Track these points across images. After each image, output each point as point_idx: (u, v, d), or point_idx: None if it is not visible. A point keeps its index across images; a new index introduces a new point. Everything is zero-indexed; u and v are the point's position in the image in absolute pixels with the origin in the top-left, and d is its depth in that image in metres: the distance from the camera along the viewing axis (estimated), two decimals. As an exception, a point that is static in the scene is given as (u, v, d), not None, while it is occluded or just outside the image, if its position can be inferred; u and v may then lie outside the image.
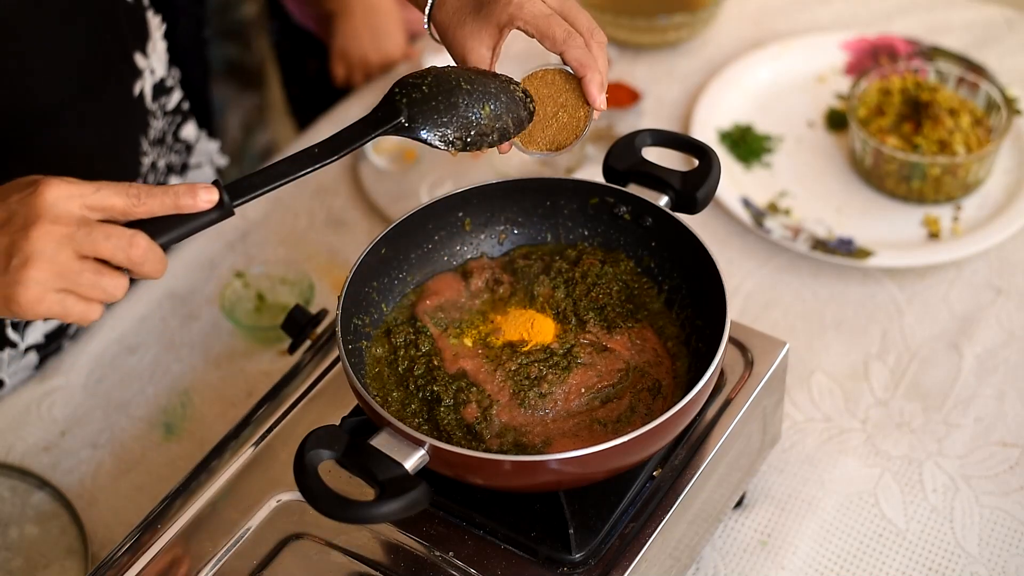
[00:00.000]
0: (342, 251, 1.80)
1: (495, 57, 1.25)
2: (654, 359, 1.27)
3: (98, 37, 1.48)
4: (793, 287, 1.71)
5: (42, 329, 1.60)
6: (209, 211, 1.07)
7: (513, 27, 1.22)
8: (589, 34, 1.23)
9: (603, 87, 1.23)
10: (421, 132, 1.17)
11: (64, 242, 1.02)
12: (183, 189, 1.06)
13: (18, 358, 1.59)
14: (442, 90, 1.18)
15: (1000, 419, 1.53)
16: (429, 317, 1.30)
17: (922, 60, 1.98)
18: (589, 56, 1.21)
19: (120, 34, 1.52)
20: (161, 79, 1.63)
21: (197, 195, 1.06)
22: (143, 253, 1.05)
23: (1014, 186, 1.80)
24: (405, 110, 1.17)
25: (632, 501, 1.22)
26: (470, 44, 1.24)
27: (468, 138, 1.18)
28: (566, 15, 1.23)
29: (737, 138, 1.91)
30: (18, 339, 1.57)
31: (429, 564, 1.19)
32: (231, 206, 1.08)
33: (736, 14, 2.15)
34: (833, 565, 1.41)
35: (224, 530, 1.23)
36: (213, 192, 1.07)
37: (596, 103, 1.23)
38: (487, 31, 1.23)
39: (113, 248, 1.03)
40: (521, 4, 1.20)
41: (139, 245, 1.04)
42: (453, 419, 1.21)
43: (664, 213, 1.30)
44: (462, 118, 1.18)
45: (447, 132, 1.18)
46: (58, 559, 1.44)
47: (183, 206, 1.06)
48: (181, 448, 1.57)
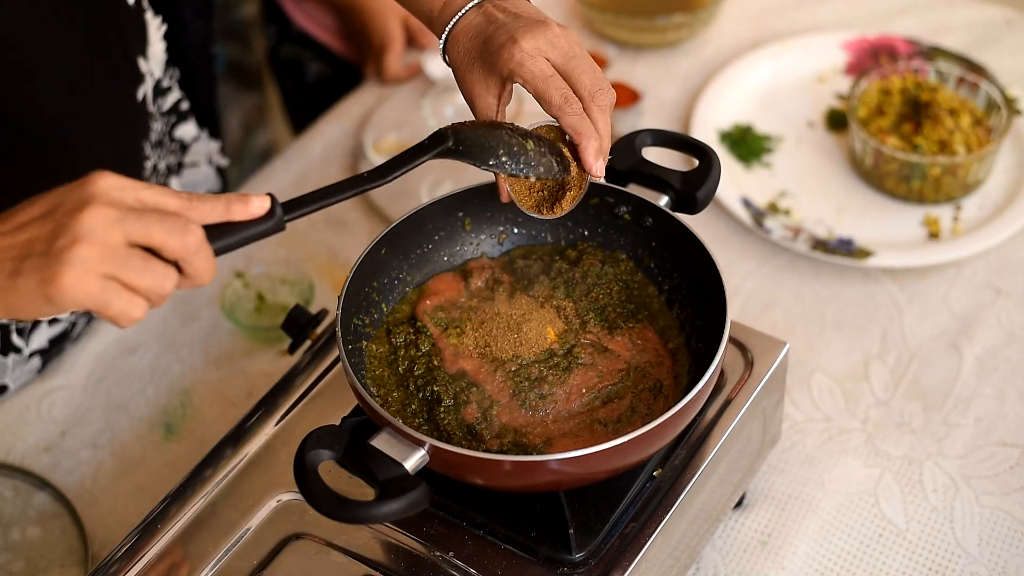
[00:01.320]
0: (342, 251, 1.80)
1: (501, 106, 1.24)
2: (655, 359, 1.27)
3: (102, 43, 1.48)
4: (793, 287, 1.71)
5: (47, 334, 1.60)
6: (260, 220, 1.04)
7: (513, 81, 1.21)
8: (590, 96, 1.20)
9: (600, 154, 1.20)
10: (468, 154, 1.17)
11: (116, 223, 0.95)
12: (235, 197, 1.03)
13: (22, 363, 1.59)
14: (487, 124, 1.19)
15: (1000, 419, 1.53)
16: (429, 317, 1.30)
17: (922, 60, 1.98)
18: (585, 123, 1.19)
19: (122, 38, 1.52)
20: (159, 80, 1.63)
21: (250, 202, 1.03)
22: (198, 243, 0.99)
23: (1014, 186, 1.80)
24: (452, 136, 1.17)
25: (632, 501, 1.22)
26: (477, 90, 1.24)
27: (516, 163, 1.17)
28: (570, 74, 1.20)
29: (737, 138, 1.91)
30: (23, 344, 1.57)
31: (429, 564, 1.19)
32: (283, 219, 1.06)
33: (736, 14, 2.15)
34: (833, 565, 1.41)
35: (224, 530, 1.23)
36: (265, 200, 1.04)
37: (592, 171, 1.20)
38: (492, 80, 1.22)
39: (166, 232, 0.96)
40: (522, 62, 1.19)
41: (195, 233, 0.98)
42: (453, 419, 1.21)
43: (664, 213, 1.31)
44: (507, 145, 1.18)
45: (496, 153, 1.17)
46: (58, 559, 1.44)
47: (234, 211, 1.02)
48: (181, 448, 1.57)
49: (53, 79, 1.42)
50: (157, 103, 1.64)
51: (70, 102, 1.46)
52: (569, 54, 1.21)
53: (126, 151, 1.58)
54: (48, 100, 1.43)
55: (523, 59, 1.18)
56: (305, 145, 1.99)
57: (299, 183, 1.93)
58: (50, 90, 1.43)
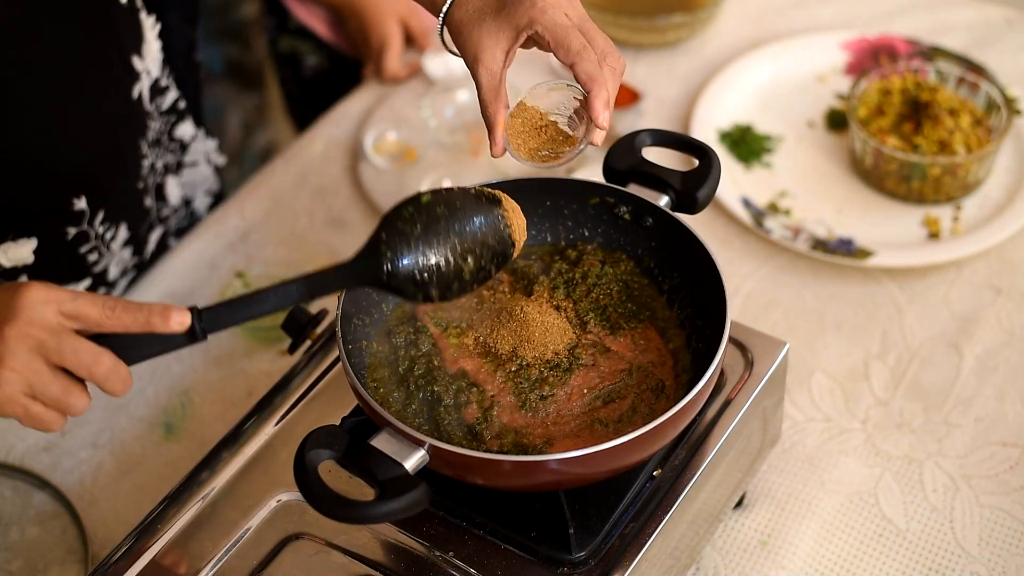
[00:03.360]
0: (342, 251, 1.80)
1: (508, 61, 1.24)
2: (657, 359, 1.27)
3: (95, 42, 1.48)
4: (793, 287, 1.71)
5: None
6: (179, 335, 1.08)
7: (532, 30, 1.21)
8: (602, 55, 1.21)
9: (608, 105, 1.20)
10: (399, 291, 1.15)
11: (36, 348, 1.06)
12: (158, 309, 1.07)
13: None
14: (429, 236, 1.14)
15: (1000, 419, 1.53)
16: (429, 317, 1.30)
17: (922, 60, 1.98)
18: (599, 72, 1.20)
19: (116, 36, 1.52)
20: (156, 79, 1.63)
21: (170, 317, 1.07)
22: (106, 372, 1.08)
23: (1014, 186, 1.80)
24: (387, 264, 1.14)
25: (632, 501, 1.22)
26: (486, 43, 1.23)
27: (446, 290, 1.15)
28: (585, 32, 1.22)
29: (737, 138, 1.91)
30: None
31: (429, 564, 1.19)
32: (203, 333, 1.09)
33: (736, 14, 2.15)
34: (833, 565, 1.41)
35: (224, 530, 1.23)
36: (186, 316, 1.08)
37: (599, 119, 1.20)
38: (505, 32, 1.22)
39: (78, 363, 1.07)
40: (544, 9, 1.20)
41: (103, 364, 1.07)
42: (453, 419, 1.21)
43: (664, 213, 1.30)
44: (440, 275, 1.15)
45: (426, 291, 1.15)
46: (58, 559, 1.44)
47: (154, 324, 1.07)
48: (181, 448, 1.57)
49: (46, 76, 1.42)
50: (155, 102, 1.64)
51: (64, 99, 1.46)
52: (584, 17, 1.23)
53: (122, 149, 1.58)
54: (42, 97, 1.43)
55: (545, 7, 1.20)
56: (305, 145, 1.99)
57: (299, 183, 1.93)
58: (44, 87, 1.43)
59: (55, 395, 1.07)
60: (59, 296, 1.07)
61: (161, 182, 1.73)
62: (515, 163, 1.94)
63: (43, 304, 1.07)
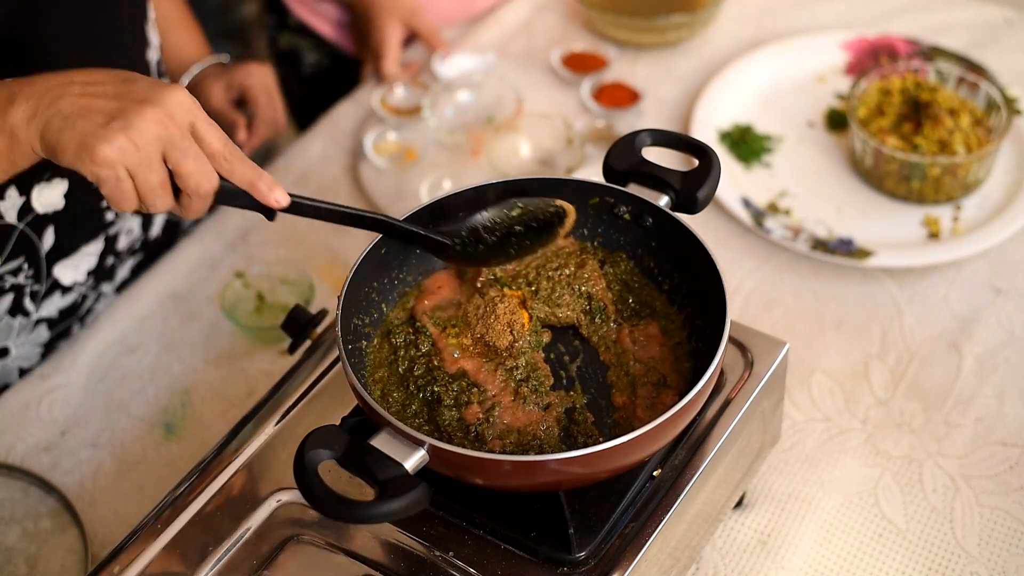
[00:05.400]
0: (342, 251, 1.80)
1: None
2: (659, 355, 1.27)
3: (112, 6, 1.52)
4: (793, 287, 1.71)
5: (58, 304, 1.61)
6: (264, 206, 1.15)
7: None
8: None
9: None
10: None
11: (164, 137, 1.09)
12: (267, 179, 1.14)
13: (28, 329, 1.59)
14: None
15: (1000, 419, 1.53)
16: (428, 317, 1.30)
17: (922, 60, 1.98)
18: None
19: (133, 4, 1.56)
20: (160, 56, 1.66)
21: (273, 192, 1.14)
22: (208, 191, 1.12)
23: (1014, 186, 1.80)
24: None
25: (632, 501, 1.22)
26: None
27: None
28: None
29: (737, 138, 1.91)
30: (32, 309, 1.58)
31: (429, 564, 1.19)
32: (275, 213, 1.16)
33: (736, 14, 2.15)
34: (833, 565, 1.41)
35: (224, 530, 1.23)
36: (285, 198, 1.15)
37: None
38: None
39: (192, 170, 1.10)
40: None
41: (211, 182, 1.12)
42: (454, 420, 1.21)
43: (664, 213, 1.30)
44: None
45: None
46: (58, 559, 1.44)
47: (258, 189, 1.14)
48: (181, 448, 1.57)
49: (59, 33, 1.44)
50: (166, 79, 1.66)
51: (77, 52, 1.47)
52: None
53: None
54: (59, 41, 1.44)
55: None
56: (305, 145, 1.99)
57: (299, 183, 1.93)
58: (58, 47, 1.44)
59: (152, 184, 1.10)
60: (201, 112, 1.12)
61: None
62: (515, 163, 1.96)
63: (186, 109, 1.11)
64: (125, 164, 1.08)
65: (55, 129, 1.10)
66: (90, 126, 1.08)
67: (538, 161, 1.87)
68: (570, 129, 1.88)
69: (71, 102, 1.10)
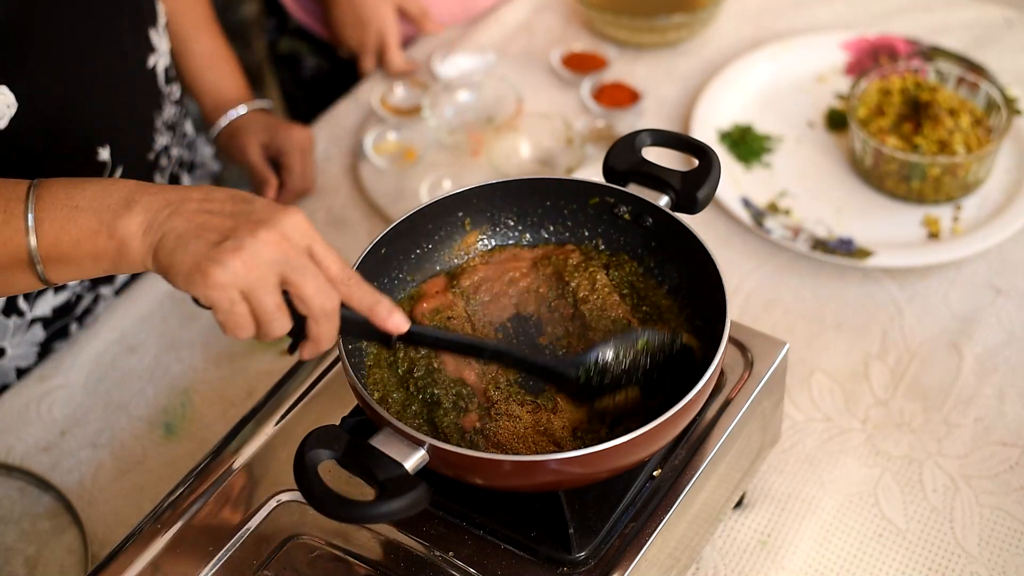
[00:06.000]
0: (342, 251, 1.78)
1: None
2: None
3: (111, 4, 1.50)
4: (793, 287, 1.71)
5: (51, 303, 1.60)
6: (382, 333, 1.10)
7: None
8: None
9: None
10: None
11: (280, 260, 1.04)
12: (386, 303, 1.09)
13: (23, 329, 1.59)
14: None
15: (1000, 419, 1.53)
16: (427, 319, 1.30)
17: (922, 60, 1.98)
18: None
19: (137, 8, 1.56)
20: (168, 66, 1.65)
21: (392, 316, 1.09)
22: (333, 311, 1.07)
23: (1014, 186, 1.80)
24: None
25: (632, 501, 1.22)
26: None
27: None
28: None
29: (737, 138, 1.91)
30: (26, 308, 1.57)
31: (429, 564, 1.19)
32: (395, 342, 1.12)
33: (736, 14, 2.15)
34: (833, 565, 1.41)
35: (224, 530, 1.23)
36: (405, 323, 1.10)
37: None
38: None
39: (315, 290, 1.06)
40: None
41: (335, 301, 1.07)
42: (452, 422, 1.21)
43: (664, 213, 1.30)
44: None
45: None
46: (58, 559, 1.44)
47: (376, 313, 1.09)
48: (181, 448, 1.57)
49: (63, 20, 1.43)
50: (170, 87, 1.66)
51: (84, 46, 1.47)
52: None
53: (139, 112, 1.60)
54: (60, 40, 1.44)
55: None
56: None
57: (299, 183, 1.92)
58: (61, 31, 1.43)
59: (267, 308, 1.05)
60: (317, 235, 1.08)
61: (176, 174, 1.74)
62: (515, 163, 1.96)
63: (303, 232, 1.06)
64: (239, 287, 1.03)
65: (169, 249, 1.05)
66: (203, 247, 1.04)
67: (538, 161, 1.87)
68: (570, 129, 1.88)
69: (186, 219, 1.06)
